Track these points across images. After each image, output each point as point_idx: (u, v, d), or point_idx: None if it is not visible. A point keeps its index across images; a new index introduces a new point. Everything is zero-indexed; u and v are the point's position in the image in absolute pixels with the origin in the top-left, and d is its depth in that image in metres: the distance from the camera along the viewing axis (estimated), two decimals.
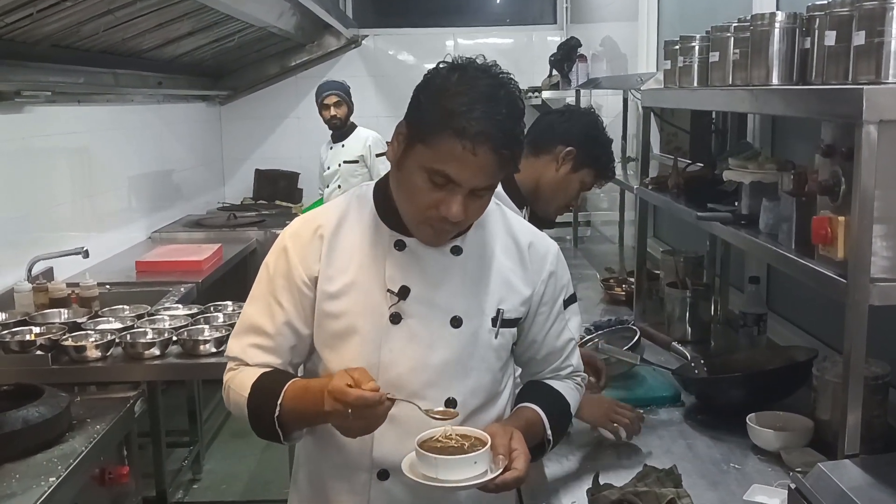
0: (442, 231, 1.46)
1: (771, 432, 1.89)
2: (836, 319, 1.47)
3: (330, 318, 1.49)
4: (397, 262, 1.49)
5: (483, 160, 1.36)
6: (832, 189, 1.48)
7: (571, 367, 1.68)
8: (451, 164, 1.36)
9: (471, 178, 1.37)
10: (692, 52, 2.33)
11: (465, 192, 1.39)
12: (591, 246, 4.84)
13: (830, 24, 1.55)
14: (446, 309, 1.49)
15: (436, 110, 1.37)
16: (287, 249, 1.52)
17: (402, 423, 1.44)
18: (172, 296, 3.45)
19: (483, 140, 1.34)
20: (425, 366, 1.47)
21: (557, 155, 2.24)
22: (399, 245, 1.50)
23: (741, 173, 2.02)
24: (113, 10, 3.43)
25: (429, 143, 1.37)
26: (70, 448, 2.09)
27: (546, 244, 1.61)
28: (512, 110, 1.39)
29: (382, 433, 1.43)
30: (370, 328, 1.48)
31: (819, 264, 1.52)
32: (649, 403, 2.19)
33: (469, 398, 1.50)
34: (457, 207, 1.39)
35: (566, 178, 2.26)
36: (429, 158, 1.38)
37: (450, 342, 1.49)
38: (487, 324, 1.51)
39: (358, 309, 1.48)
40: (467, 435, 1.41)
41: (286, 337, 1.52)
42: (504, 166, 1.40)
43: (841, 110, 1.42)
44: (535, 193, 2.26)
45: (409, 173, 1.41)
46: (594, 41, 5.36)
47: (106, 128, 4.36)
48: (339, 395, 1.31)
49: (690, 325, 2.76)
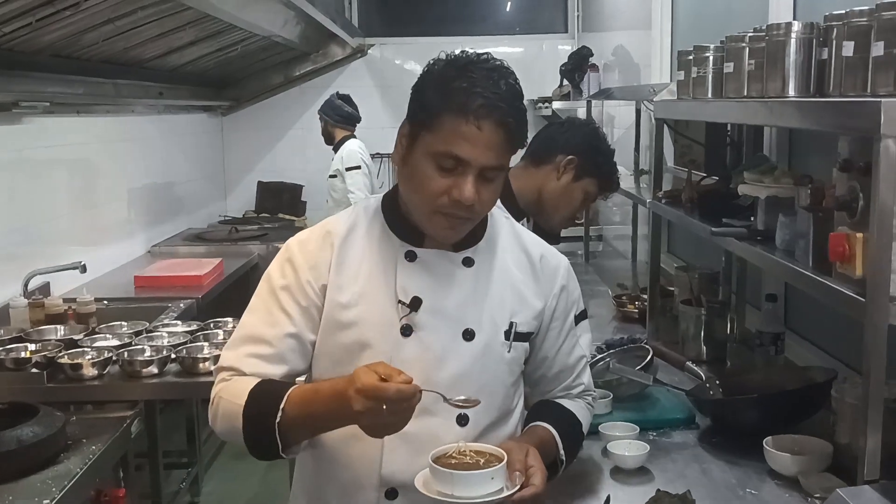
0: (456, 221, 1.45)
1: (788, 456, 1.88)
2: (856, 339, 1.46)
3: (341, 328, 1.49)
4: (408, 272, 1.50)
5: (489, 135, 1.39)
6: (850, 205, 1.48)
7: (583, 386, 1.68)
8: (458, 142, 1.39)
9: (479, 155, 1.40)
10: (706, 62, 2.33)
11: (475, 171, 1.41)
12: (603, 261, 4.83)
13: (848, 34, 1.55)
14: (458, 321, 1.49)
15: (436, 96, 1.41)
16: (294, 257, 1.51)
17: (412, 439, 1.44)
18: (172, 312, 3.46)
19: (486, 114, 1.38)
20: (437, 380, 1.46)
21: (558, 164, 2.28)
22: (410, 256, 1.51)
23: (757, 187, 2.02)
24: (114, 20, 3.46)
25: (433, 128, 1.41)
26: (65, 469, 2.09)
27: (557, 258, 1.62)
28: (511, 88, 1.43)
29: (392, 449, 1.44)
30: (381, 340, 1.48)
31: (836, 282, 1.51)
32: (662, 426, 2.18)
33: (481, 414, 1.50)
34: (468, 188, 1.40)
35: (568, 188, 2.29)
36: (434, 143, 1.41)
37: (462, 355, 1.49)
38: (500, 337, 1.52)
39: (369, 321, 1.48)
40: (482, 451, 1.40)
41: (290, 347, 1.49)
42: (511, 142, 1.43)
43: (858, 123, 1.41)
44: (538, 205, 2.29)
45: (417, 164, 1.44)
46: (606, 50, 5.38)
47: (105, 139, 4.39)
48: (375, 392, 1.26)
49: (705, 344, 2.75)
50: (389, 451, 1.44)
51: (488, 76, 1.41)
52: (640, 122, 4.25)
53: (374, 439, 1.40)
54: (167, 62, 4.74)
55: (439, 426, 1.47)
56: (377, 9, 6.92)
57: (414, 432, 1.42)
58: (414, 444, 1.44)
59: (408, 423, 1.31)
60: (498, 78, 1.42)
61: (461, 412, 1.47)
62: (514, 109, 1.42)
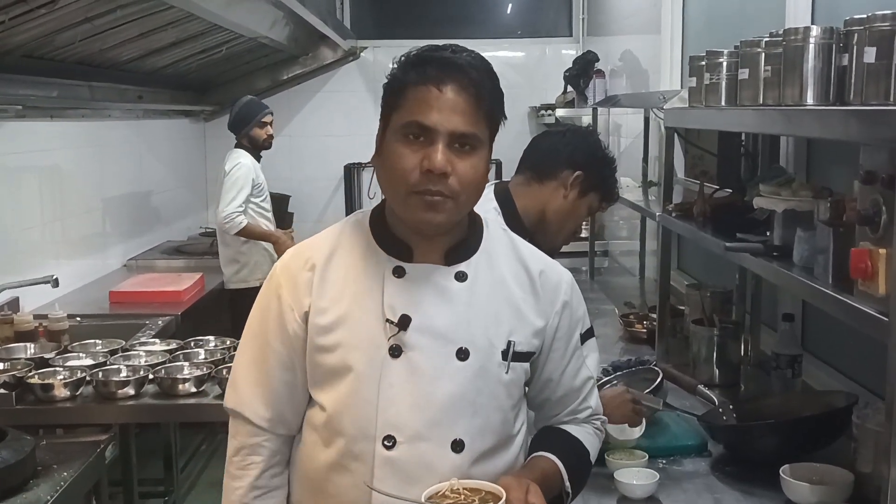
0: (434, 201, 1.44)
1: (807, 486, 1.88)
2: (879, 361, 1.46)
3: (322, 352, 1.50)
4: (396, 289, 1.50)
5: (452, 98, 1.43)
6: (872, 219, 1.49)
7: (590, 410, 1.67)
8: (421, 109, 1.43)
9: (444, 120, 1.43)
10: (720, 68, 2.35)
11: (444, 139, 1.43)
12: (610, 278, 4.84)
13: (870, 39, 1.56)
14: (451, 340, 1.49)
15: (400, 73, 1.49)
16: (277, 284, 1.55)
17: (403, 467, 1.45)
18: (149, 329, 3.46)
19: (446, 75, 1.44)
20: (429, 403, 1.47)
21: (565, 180, 2.27)
22: (398, 272, 1.51)
23: (773, 200, 2.03)
24: (91, 19, 3.47)
25: (398, 105, 1.46)
26: (34, 497, 2.09)
27: (559, 272, 1.61)
28: (479, 60, 1.50)
29: (382, 479, 1.44)
30: (366, 362, 1.48)
31: (858, 301, 1.52)
32: (673, 453, 2.19)
33: (477, 439, 1.50)
34: (438, 156, 1.42)
35: (574, 204, 2.29)
36: (401, 118, 1.46)
37: (455, 377, 1.48)
38: (497, 357, 1.51)
39: (353, 342, 1.49)
40: (478, 489, 1.39)
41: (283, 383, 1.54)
42: (480, 108, 1.45)
43: (881, 133, 1.43)
44: (542, 224, 2.27)
45: (388, 146, 1.48)
46: (613, 55, 5.41)
47: (80, 145, 4.40)
48: None
49: (718, 367, 2.75)
50: (379, 480, 1.44)
51: (454, 51, 1.48)
52: (648, 131, 4.27)
53: (363, 468, 1.45)
54: (147, 64, 4.76)
55: (432, 453, 1.47)
56: (370, 10, 6.95)
57: (405, 460, 1.43)
58: (405, 473, 1.45)
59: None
60: (465, 54, 1.48)
61: (456, 437, 1.47)
62: (479, 76, 1.46)
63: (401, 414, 1.46)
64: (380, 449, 1.46)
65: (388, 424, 1.45)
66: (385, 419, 1.45)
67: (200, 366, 2.80)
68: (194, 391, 2.66)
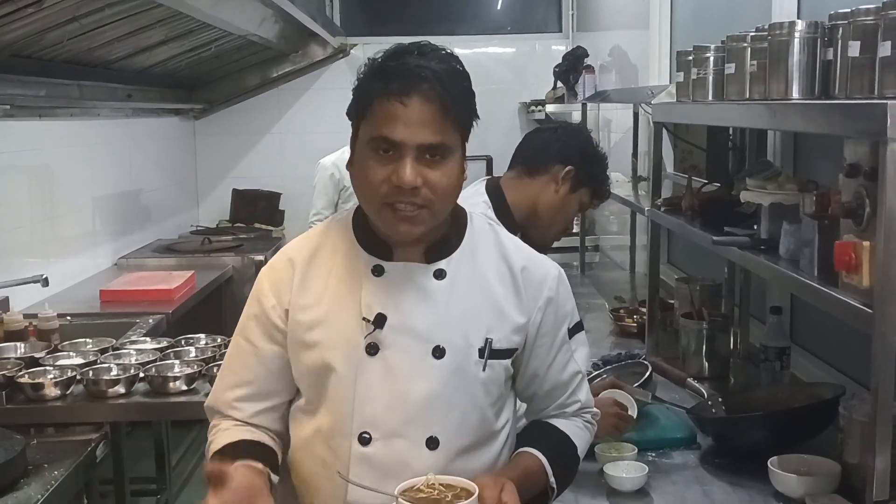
0: (407, 213, 1.45)
1: (795, 477, 1.89)
2: (864, 353, 1.48)
3: (305, 349, 1.52)
4: (374, 288, 1.51)
5: (418, 111, 1.41)
6: (856, 211, 1.50)
7: (579, 404, 1.67)
8: (387, 124, 1.42)
9: (411, 134, 1.41)
10: (706, 63, 2.36)
11: (411, 152, 1.42)
12: (600, 273, 4.86)
13: (854, 33, 1.58)
14: (427, 338, 1.50)
15: (365, 83, 1.46)
16: (262, 284, 1.57)
17: (378, 463, 1.46)
18: (140, 328, 3.45)
19: (410, 89, 1.41)
20: (404, 401, 1.48)
21: (556, 175, 2.29)
22: (377, 270, 1.52)
23: (760, 194, 2.04)
24: (79, 17, 3.46)
25: (366, 116, 1.45)
26: (25, 496, 2.08)
27: (544, 267, 1.60)
28: (446, 65, 1.45)
29: (357, 476, 1.45)
30: (344, 360, 1.49)
31: (843, 293, 1.53)
32: (662, 446, 2.20)
33: (453, 437, 1.50)
34: (406, 171, 1.41)
35: (565, 199, 2.31)
36: (369, 131, 1.45)
37: (431, 375, 1.49)
38: (474, 355, 1.51)
39: (332, 341, 1.50)
40: (452, 485, 1.41)
41: (266, 379, 1.56)
42: (447, 118, 1.43)
43: (865, 126, 1.44)
44: (532, 218, 2.29)
45: (359, 158, 1.48)
46: (602, 51, 5.42)
47: (69, 144, 4.38)
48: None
49: (707, 360, 2.77)
50: (355, 476, 1.46)
51: (420, 57, 1.45)
52: (637, 126, 4.28)
53: (339, 464, 1.47)
54: (135, 62, 4.74)
55: (407, 450, 1.48)
56: (360, 7, 6.94)
57: (380, 456, 1.45)
58: (380, 469, 1.46)
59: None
60: (432, 58, 1.45)
61: (431, 434, 1.48)
62: (444, 83, 1.43)
63: (376, 411, 1.48)
64: (356, 445, 1.48)
65: (364, 421, 1.47)
66: (361, 416, 1.47)
67: (191, 363, 2.79)
68: (185, 389, 2.65)
